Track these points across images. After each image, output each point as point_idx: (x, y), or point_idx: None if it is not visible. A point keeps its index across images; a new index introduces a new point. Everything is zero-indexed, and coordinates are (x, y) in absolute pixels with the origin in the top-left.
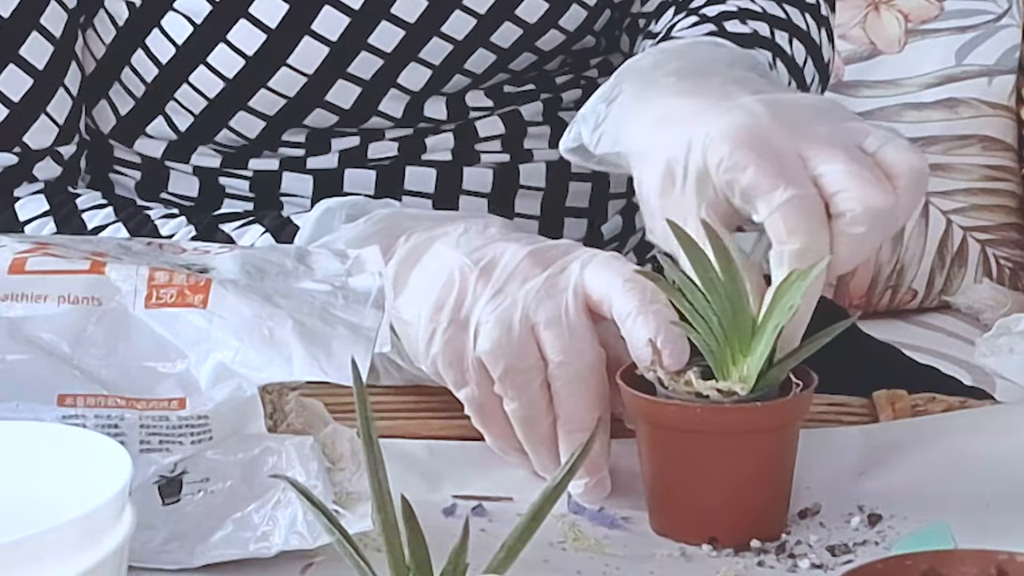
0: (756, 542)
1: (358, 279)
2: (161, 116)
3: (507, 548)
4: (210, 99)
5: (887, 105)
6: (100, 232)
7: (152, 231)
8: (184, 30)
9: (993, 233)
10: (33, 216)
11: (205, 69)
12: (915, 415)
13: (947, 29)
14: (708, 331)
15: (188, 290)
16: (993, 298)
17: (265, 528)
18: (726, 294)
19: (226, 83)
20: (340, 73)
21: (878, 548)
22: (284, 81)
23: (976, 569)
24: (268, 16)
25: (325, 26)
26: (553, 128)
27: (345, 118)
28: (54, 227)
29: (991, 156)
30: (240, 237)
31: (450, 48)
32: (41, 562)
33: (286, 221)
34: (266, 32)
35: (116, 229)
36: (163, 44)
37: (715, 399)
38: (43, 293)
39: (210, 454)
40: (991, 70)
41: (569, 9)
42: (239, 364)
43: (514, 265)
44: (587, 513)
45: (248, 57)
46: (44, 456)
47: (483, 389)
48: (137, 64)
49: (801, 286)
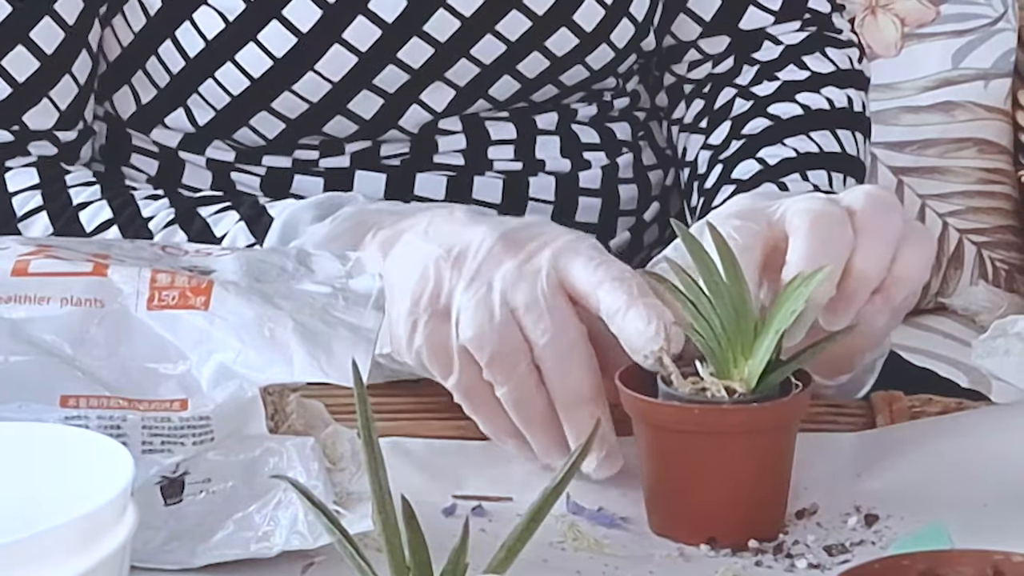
0: (754, 542)
1: (358, 281)
2: (182, 108)
3: (507, 548)
4: (233, 96)
5: (884, 108)
6: (84, 208)
7: (134, 212)
8: (216, 26)
9: (989, 235)
10: (22, 188)
11: (232, 66)
12: (912, 417)
13: (943, 33)
14: (711, 334)
15: (190, 292)
16: (989, 300)
17: (266, 528)
18: (730, 297)
19: (251, 82)
20: (365, 84)
21: (875, 548)
22: (309, 86)
23: (972, 569)
24: (301, 20)
25: (356, 36)
26: (564, 138)
27: (364, 128)
28: (40, 200)
29: (987, 159)
30: (216, 224)
31: (476, 71)
32: (44, 561)
33: (261, 210)
34: (297, 35)
35: (100, 207)
36: (193, 38)
37: (716, 398)
38: (46, 295)
39: (212, 455)
40: (987, 74)
41: (597, 48)
42: (240, 365)
43: (486, 250)
44: (586, 513)
45: (276, 58)
46: (47, 457)
47: (471, 376)
48: (164, 55)
49: (804, 291)
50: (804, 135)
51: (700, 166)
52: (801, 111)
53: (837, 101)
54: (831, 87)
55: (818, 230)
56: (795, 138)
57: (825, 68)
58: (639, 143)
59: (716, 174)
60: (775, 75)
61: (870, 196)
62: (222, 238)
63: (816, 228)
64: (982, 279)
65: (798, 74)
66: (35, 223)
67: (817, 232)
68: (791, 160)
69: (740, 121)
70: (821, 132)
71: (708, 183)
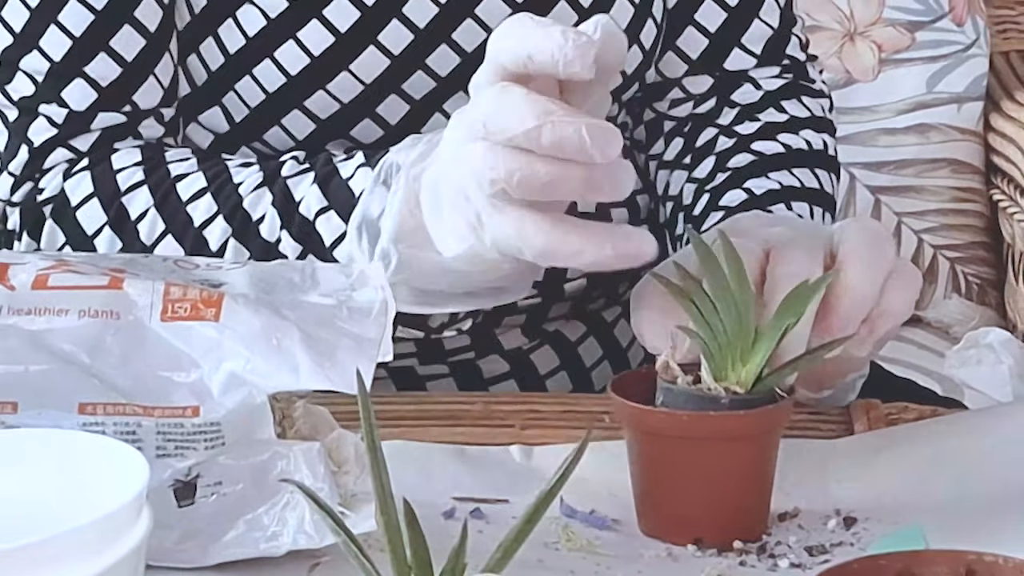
0: (739, 543)
1: (361, 293)
2: (218, 106)
3: (503, 548)
4: (269, 93)
5: (862, 130)
6: (181, 180)
7: (226, 178)
8: (257, 23)
9: (962, 251)
10: (126, 165)
11: (270, 63)
12: (889, 424)
13: (919, 59)
14: (712, 336)
15: (201, 304)
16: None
17: (275, 529)
18: (735, 304)
19: (288, 79)
20: (394, 88)
21: (854, 549)
22: (343, 86)
23: (947, 568)
24: (340, 20)
25: (390, 39)
26: None
27: (388, 134)
28: (142, 175)
29: (960, 179)
30: (296, 187)
31: None
32: (64, 561)
33: (333, 171)
34: (335, 35)
35: (195, 178)
36: (234, 35)
37: (714, 395)
38: (64, 307)
39: (222, 459)
40: (960, 97)
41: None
42: (249, 373)
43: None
44: (579, 516)
45: (314, 57)
46: (66, 461)
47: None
48: (205, 52)
49: (807, 301)
50: (787, 170)
51: (686, 197)
52: (783, 149)
53: (814, 143)
54: (808, 130)
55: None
56: (778, 172)
57: (802, 113)
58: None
59: (703, 202)
60: (756, 116)
61: (864, 228)
62: (299, 202)
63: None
64: (955, 293)
65: (778, 116)
66: (137, 197)
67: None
68: (775, 191)
69: (725, 156)
70: (801, 169)
71: (696, 211)
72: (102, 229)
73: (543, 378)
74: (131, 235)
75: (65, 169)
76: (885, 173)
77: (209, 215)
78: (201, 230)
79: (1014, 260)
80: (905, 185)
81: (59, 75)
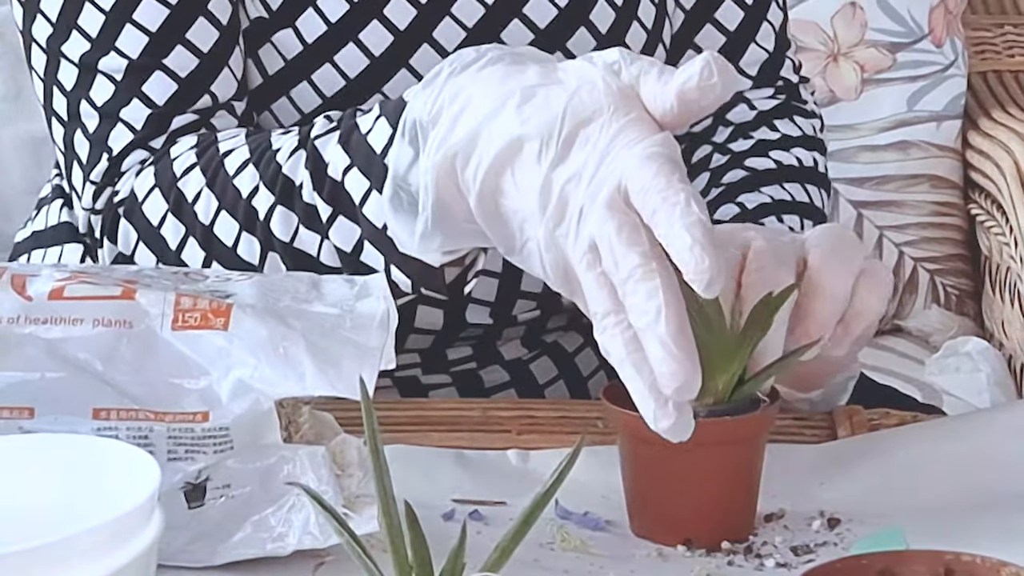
0: (726, 543)
1: (364, 303)
2: (267, 112)
3: (501, 549)
4: (327, 97)
5: (845, 147)
6: (228, 156)
7: (266, 147)
8: (317, 29)
9: (941, 263)
10: (182, 151)
11: (330, 67)
12: (871, 429)
13: (899, 79)
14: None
15: (211, 313)
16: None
17: (281, 529)
18: (709, 316)
19: (347, 82)
20: None
21: (837, 549)
22: (400, 85)
23: (926, 568)
24: (399, 18)
25: (443, 35)
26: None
27: None
28: (194, 158)
29: (939, 193)
30: (324, 147)
31: None
32: (78, 561)
33: (353, 126)
34: (394, 34)
35: (241, 152)
36: (292, 41)
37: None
38: (79, 317)
39: (231, 462)
40: (939, 115)
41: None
42: (257, 380)
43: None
44: (574, 517)
45: (374, 57)
46: (80, 465)
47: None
48: (264, 56)
49: (775, 310)
50: (778, 185)
51: None
52: (775, 165)
53: (805, 161)
54: (800, 148)
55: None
56: (770, 187)
57: (794, 132)
58: None
59: None
60: (749, 134)
61: (832, 232)
62: (328, 164)
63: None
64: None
65: (770, 135)
66: (191, 179)
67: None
68: (767, 205)
69: (718, 172)
70: (792, 184)
71: None
72: (165, 217)
73: (542, 387)
74: (190, 217)
75: (138, 170)
76: (867, 188)
77: (254, 185)
78: (249, 201)
79: (991, 272)
80: (886, 200)
81: (139, 70)
